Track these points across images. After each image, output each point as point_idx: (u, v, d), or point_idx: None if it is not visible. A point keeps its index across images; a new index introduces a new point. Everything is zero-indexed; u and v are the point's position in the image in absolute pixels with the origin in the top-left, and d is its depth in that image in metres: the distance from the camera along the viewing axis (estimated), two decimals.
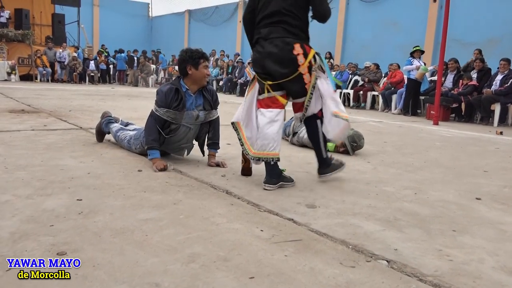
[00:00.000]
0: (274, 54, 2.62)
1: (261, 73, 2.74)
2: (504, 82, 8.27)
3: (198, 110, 3.15)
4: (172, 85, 3.07)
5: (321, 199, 2.49)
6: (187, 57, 3.02)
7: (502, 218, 2.31)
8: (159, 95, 3.05)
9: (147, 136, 3.04)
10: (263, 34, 2.67)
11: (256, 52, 2.74)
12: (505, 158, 4.37)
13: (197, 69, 3.03)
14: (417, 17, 12.44)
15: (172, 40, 23.68)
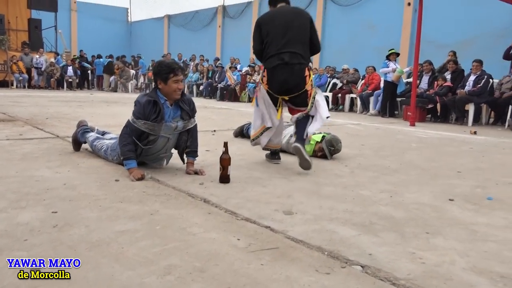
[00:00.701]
0: (295, 75, 3.49)
1: (278, 91, 3.57)
2: (477, 82, 8.47)
3: (176, 121, 3.14)
4: (150, 97, 3.03)
5: (298, 205, 2.51)
6: (157, 71, 3.01)
7: (474, 219, 2.37)
8: (137, 107, 3.03)
9: (122, 147, 3.02)
10: (286, 60, 3.47)
11: (278, 73, 3.50)
12: (478, 158, 4.48)
13: (166, 84, 3.00)
14: (392, 20, 12.64)
15: (152, 45, 23.54)
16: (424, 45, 10.37)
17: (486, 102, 8.73)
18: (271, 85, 3.57)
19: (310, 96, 3.56)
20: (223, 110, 10.13)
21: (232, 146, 4.52)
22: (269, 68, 3.56)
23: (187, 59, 17.97)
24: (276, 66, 3.50)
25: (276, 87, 3.56)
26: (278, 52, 3.50)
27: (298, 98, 3.57)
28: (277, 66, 3.50)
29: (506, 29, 10.15)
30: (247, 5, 17.90)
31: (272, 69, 3.52)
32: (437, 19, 11.24)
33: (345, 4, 14.10)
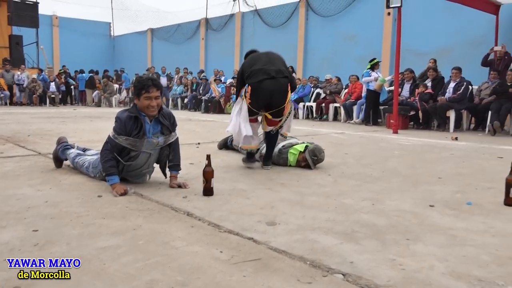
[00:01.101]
0: (281, 89, 3.84)
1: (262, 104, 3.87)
2: (457, 89, 8.63)
3: (157, 136, 3.13)
4: (131, 112, 3.03)
5: (281, 215, 2.53)
6: (133, 86, 3.04)
7: (453, 224, 2.42)
8: (117, 123, 3.03)
9: (104, 163, 3.01)
10: (272, 74, 3.78)
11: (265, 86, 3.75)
12: (459, 164, 4.56)
13: (139, 100, 3.00)
14: (373, 30, 12.85)
15: (136, 58, 23.50)
16: (404, 53, 10.58)
17: (467, 108, 8.90)
18: (255, 100, 3.83)
19: (287, 109, 3.97)
20: (208, 122, 10.14)
21: (216, 159, 4.54)
22: (254, 83, 3.79)
23: (171, 72, 17.98)
24: (263, 80, 3.77)
25: (261, 101, 3.84)
26: (263, 67, 3.82)
27: (278, 112, 3.93)
28: (263, 80, 3.76)
29: (483, 37, 10.39)
30: (230, 17, 18.03)
31: (258, 82, 3.77)
32: (416, 28, 11.45)
33: (326, 15, 14.29)
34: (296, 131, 7.86)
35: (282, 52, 14.45)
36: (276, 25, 16.03)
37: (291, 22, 15.51)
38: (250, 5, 17.10)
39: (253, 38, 16.99)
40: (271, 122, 4.03)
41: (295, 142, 4.40)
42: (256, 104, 3.87)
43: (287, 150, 4.25)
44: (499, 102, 8.17)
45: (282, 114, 3.98)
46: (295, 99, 12.16)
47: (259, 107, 3.91)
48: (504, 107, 8.02)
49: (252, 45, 16.76)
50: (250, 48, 4.50)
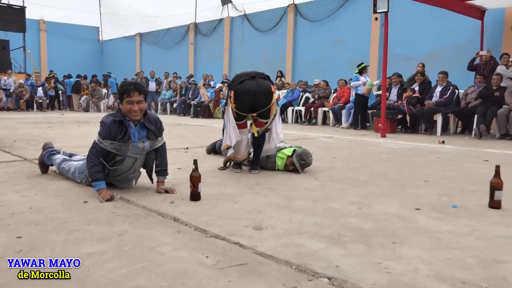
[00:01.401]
0: (263, 88, 3.93)
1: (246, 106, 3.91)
2: (443, 93, 8.73)
3: (143, 141, 3.11)
4: (115, 117, 3.02)
5: (268, 220, 2.53)
6: (122, 89, 3.02)
7: (439, 227, 2.44)
8: (102, 127, 3.01)
9: (90, 168, 2.98)
10: (253, 75, 3.94)
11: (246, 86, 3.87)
12: (446, 167, 4.60)
13: (122, 104, 3.01)
14: (361, 34, 12.94)
15: (124, 63, 23.41)
16: (392, 58, 10.67)
17: (453, 112, 8.99)
18: (238, 103, 3.91)
19: (272, 111, 4.05)
20: (196, 127, 10.12)
21: (204, 163, 4.54)
22: (236, 85, 3.94)
23: (160, 77, 17.93)
24: (244, 81, 3.92)
25: (246, 103, 3.91)
26: (244, 72, 4.07)
27: (264, 113, 4.00)
28: (244, 81, 3.92)
29: (469, 42, 10.52)
30: (219, 22, 18.05)
31: (239, 84, 3.92)
32: (404, 33, 11.56)
33: (315, 19, 14.37)
34: (285, 135, 7.85)
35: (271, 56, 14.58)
36: (265, 29, 16.08)
37: (280, 27, 15.58)
38: (239, 10, 17.16)
39: (242, 43, 17.03)
40: (258, 124, 4.08)
41: (283, 146, 4.41)
42: (240, 106, 3.93)
43: (275, 154, 4.26)
44: (485, 106, 8.26)
45: (268, 117, 4.04)
46: (284, 103, 12.21)
47: (244, 109, 3.96)
48: (489, 111, 8.11)
49: (241, 49, 16.91)
50: (239, 52, 4.66)
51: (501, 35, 10.25)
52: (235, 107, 3.95)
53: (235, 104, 3.93)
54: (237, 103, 3.93)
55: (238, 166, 4.21)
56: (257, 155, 4.18)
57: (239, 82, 3.94)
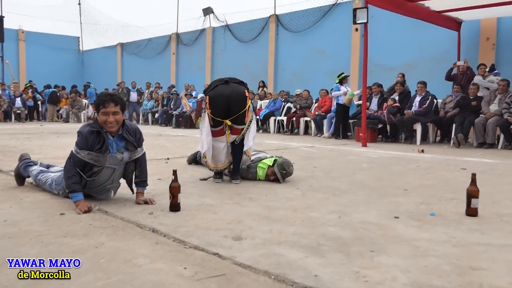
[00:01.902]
0: (237, 93, 3.95)
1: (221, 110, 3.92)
2: (422, 103, 8.87)
3: (121, 152, 3.07)
4: (92, 127, 2.98)
5: (248, 230, 2.52)
6: (98, 100, 2.99)
7: (417, 235, 2.46)
8: (79, 137, 2.97)
9: (67, 179, 2.93)
10: (226, 79, 4.00)
11: (220, 91, 3.92)
12: (424, 175, 4.66)
13: (98, 115, 2.98)
14: (342, 45, 13.10)
15: (105, 73, 23.20)
16: (372, 68, 10.84)
17: (432, 121, 9.14)
18: (213, 108, 3.95)
19: (248, 117, 4.07)
20: (178, 137, 10.07)
21: (185, 174, 4.52)
22: (210, 91, 4.02)
23: (141, 87, 17.83)
24: (217, 86, 4.00)
25: (220, 107, 3.94)
26: (219, 78, 4.13)
27: (239, 118, 4.01)
28: (217, 86, 3.99)
29: (446, 53, 10.74)
30: (201, 32, 18.07)
31: (213, 90, 3.99)
32: (384, 44, 11.75)
33: (296, 30, 14.50)
34: (267, 145, 7.91)
35: (253, 66, 14.61)
36: (247, 40, 16.16)
37: (261, 37, 15.67)
38: (220, 20, 17.22)
39: (224, 53, 17.07)
40: (234, 131, 4.06)
41: (264, 156, 4.42)
42: (216, 111, 3.95)
43: (256, 164, 4.26)
44: (462, 115, 8.42)
45: (244, 122, 4.05)
46: (266, 113, 12.25)
47: (219, 114, 3.95)
48: (467, 120, 8.27)
49: (223, 59, 16.93)
50: (221, 63, 4.71)
51: (477, 46, 10.50)
52: (210, 113, 3.96)
53: (210, 109, 3.96)
54: (212, 108, 3.95)
55: (219, 176, 4.19)
56: (237, 164, 4.17)
57: (213, 87, 4.00)
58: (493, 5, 8.69)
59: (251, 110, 4.14)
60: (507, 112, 7.86)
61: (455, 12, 9.65)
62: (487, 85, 8.86)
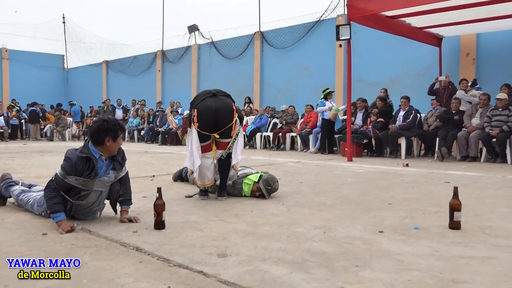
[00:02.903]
0: (225, 106, 3.92)
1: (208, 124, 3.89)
2: (406, 117, 8.99)
3: (108, 173, 3.04)
4: (82, 153, 2.91)
5: (233, 246, 2.51)
6: (106, 128, 2.91)
7: (401, 249, 2.48)
8: (67, 163, 2.90)
9: (48, 200, 2.87)
10: (213, 92, 3.95)
11: (208, 104, 3.87)
12: (408, 189, 4.70)
13: (115, 141, 2.96)
14: (326, 61, 13.27)
15: (90, 91, 23.11)
16: (357, 83, 11.00)
17: (416, 135, 9.25)
18: (201, 122, 3.91)
19: (234, 130, 4.04)
20: (164, 154, 10.02)
21: (170, 191, 4.50)
22: (198, 104, 3.93)
23: (127, 104, 17.78)
24: (205, 99, 3.93)
25: (208, 121, 3.90)
26: (205, 90, 4.08)
27: (225, 132, 3.98)
28: (205, 99, 3.93)
29: (428, 68, 10.94)
30: (186, 49, 18.15)
31: (201, 102, 3.92)
32: (367, 60, 11.93)
33: (281, 46, 14.65)
34: (254, 161, 7.91)
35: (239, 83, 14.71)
36: (232, 56, 16.27)
37: (247, 54, 15.79)
38: (206, 37, 17.33)
39: (209, 70, 17.15)
40: (220, 145, 4.03)
41: (249, 172, 4.42)
42: (203, 125, 3.91)
43: (242, 180, 4.25)
44: (445, 129, 8.55)
45: (230, 136, 4.02)
46: (252, 129, 12.28)
47: (207, 128, 3.92)
48: (450, 134, 8.40)
49: (209, 76, 17.00)
50: (207, 79, 4.69)
51: (458, 61, 10.71)
52: (198, 127, 3.92)
53: (198, 123, 3.92)
54: (199, 122, 3.91)
55: (204, 193, 4.17)
56: (223, 181, 4.15)
57: (200, 100, 3.93)
58: (472, 21, 8.90)
59: (238, 123, 4.11)
60: (489, 126, 8.01)
61: (435, 28, 9.86)
62: (469, 99, 9.03)
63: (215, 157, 4.11)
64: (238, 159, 4.16)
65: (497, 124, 7.94)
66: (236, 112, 4.07)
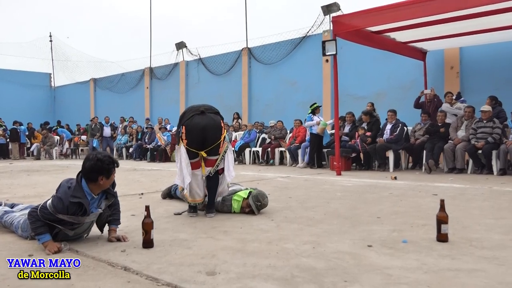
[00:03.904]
0: (213, 123, 3.91)
1: (197, 142, 3.88)
2: (393, 131, 9.09)
3: (100, 204, 3.00)
4: (74, 197, 2.79)
5: (222, 264, 2.50)
6: (101, 168, 2.82)
7: (389, 263, 2.49)
8: (59, 204, 2.77)
9: (32, 224, 2.81)
10: (202, 109, 3.91)
11: (196, 121, 3.85)
12: (397, 203, 4.73)
13: (109, 178, 2.89)
14: (313, 76, 13.40)
15: (78, 109, 23.02)
16: (344, 98, 11.11)
17: (404, 148, 9.34)
18: (190, 139, 3.90)
19: (222, 147, 4.02)
20: (153, 171, 9.97)
21: (159, 208, 4.48)
22: (186, 121, 3.92)
23: (115, 122, 17.71)
24: (193, 116, 3.91)
25: (196, 138, 3.89)
26: (194, 106, 4.05)
27: (213, 149, 3.97)
28: (194, 116, 3.91)
29: (413, 81, 11.11)
30: (174, 66, 18.21)
31: (189, 119, 3.90)
32: (354, 74, 12.08)
33: (268, 62, 14.78)
34: (243, 176, 7.91)
35: (227, 98, 14.78)
36: (220, 72, 16.35)
37: (234, 70, 15.89)
38: (193, 54, 17.41)
39: (198, 86, 17.20)
40: (208, 162, 4.02)
41: (238, 188, 4.42)
42: (192, 142, 3.90)
43: (231, 197, 4.25)
44: (432, 141, 8.65)
45: (218, 153, 4.01)
46: (241, 145, 12.30)
47: (195, 145, 3.91)
48: (437, 146, 8.49)
49: (197, 92, 17.03)
50: (195, 95, 4.66)
51: (443, 74, 10.90)
52: (186, 144, 3.92)
53: (187, 140, 3.91)
54: (188, 139, 3.91)
55: (193, 210, 4.15)
56: (211, 198, 4.14)
57: (189, 117, 3.92)
58: (454, 35, 9.08)
59: (226, 140, 4.11)
60: (474, 138, 8.12)
61: (419, 42, 10.03)
62: (455, 112, 9.17)
63: (204, 174, 4.09)
64: (232, 176, 4.16)
65: (482, 136, 8.06)
66: (224, 132, 4.07)
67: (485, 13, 7.32)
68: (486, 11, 7.17)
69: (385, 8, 7.69)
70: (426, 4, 7.08)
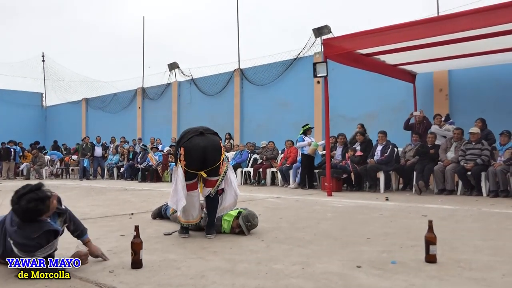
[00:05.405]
0: (212, 144, 3.94)
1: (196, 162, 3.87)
2: (384, 151, 9.16)
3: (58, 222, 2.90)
4: (35, 231, 2.47)
5: (211, 285, 2.49)
6: (33, 212, 2.64)
7: (378, 284, 2.49)
8: (26, 248, 2.38)
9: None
10: (201, 130, 3.94)
11: (195, 142, 3.86)
12: (387, 224, 4.75)
13: (49, 210, 2.71)
14: (304, 97, 13.53)
15: (69, 128, 22.94)
16: (335, 119, 11.20)
17: (394, 169, 9.40)
18: (188, 160, 3.87)
19: (222, 168, 4.03)
20: (144, 191, 9.92)
21: (149, 229, 4.45)
22: (185, 142, 3.91)
23: (106, 142, 17.66)
24: (192, 137, 3.90)
25: (196, 159, 3.87)
26: (192, 128, 4.05)
27: (213, 170, 3.96)
28: (193, 137, 3.90)
29: (403, 103, 11.25)
30: (167, 86, 18.29)
31: (188, 141, 3.89)
32: (344, 95, 12.20)
33: (260, 83, 14.92)
34: None
35: (219, 119, 14.79)
36: (212, 93, 16.45)
37: (226, 91, 16.00)
38: (186, 74, 17.53)
39: (190, 106, 17.26)
40: (208, 183, 4.02)
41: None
42: (190, 164, 3.87)
43: (221, 217, 4.24)
44: (422, 162, 8.72)
45: (219, 174, 4.01)
46: (233, 165, 12.29)
47: (194, 167, 3.89)
48: (427, 168, 8.56)
49: (190, 113, 17.10)
50: (187, 116, 4.66)
51: (432, 96, 11.06)
52: (185, 165, 3.89)
53: (185, 161, 3.88)
54: (187, 160, 3.88)
55: (185, 231, 4.11)
56: (211, 219, 4.10)
57: (188, 138, 3.91)
58: (443, 58, 9.26)
59: (226, 161, 4.13)
60: (463, 159, 8.21)
61: (409, 65, 10.21)
62: (444, 133, 9.28)
63: (203, 194, 4.08)
64: (238, 194, 4.20)
65: (471, 157, 8.14)
66: (223, 153, 4.09)
67: (472, 38, 7.48)
68: (472, 35, 7.34)
69: (374, 31, 7.85)
70: (414, 28, 7.27)
